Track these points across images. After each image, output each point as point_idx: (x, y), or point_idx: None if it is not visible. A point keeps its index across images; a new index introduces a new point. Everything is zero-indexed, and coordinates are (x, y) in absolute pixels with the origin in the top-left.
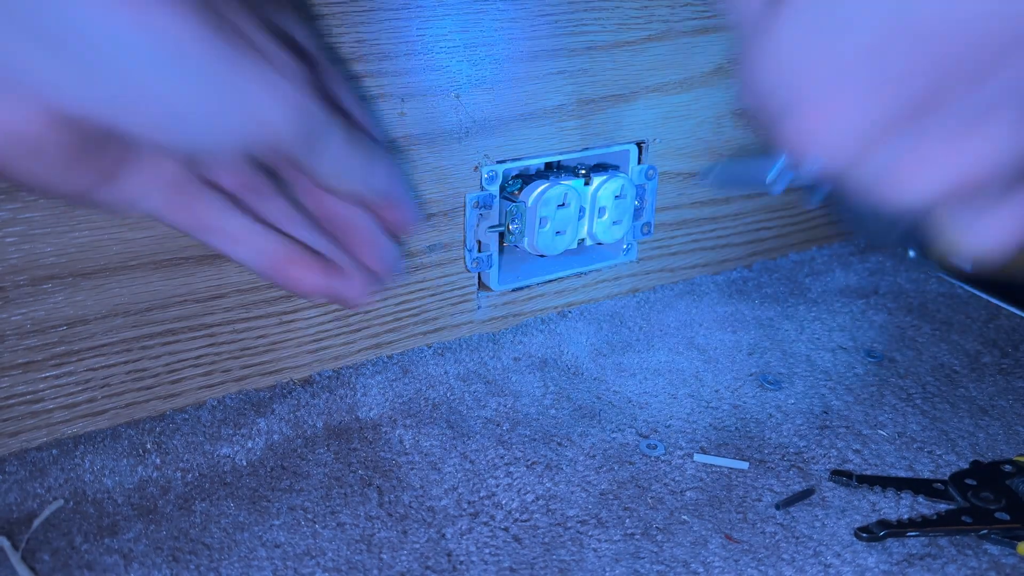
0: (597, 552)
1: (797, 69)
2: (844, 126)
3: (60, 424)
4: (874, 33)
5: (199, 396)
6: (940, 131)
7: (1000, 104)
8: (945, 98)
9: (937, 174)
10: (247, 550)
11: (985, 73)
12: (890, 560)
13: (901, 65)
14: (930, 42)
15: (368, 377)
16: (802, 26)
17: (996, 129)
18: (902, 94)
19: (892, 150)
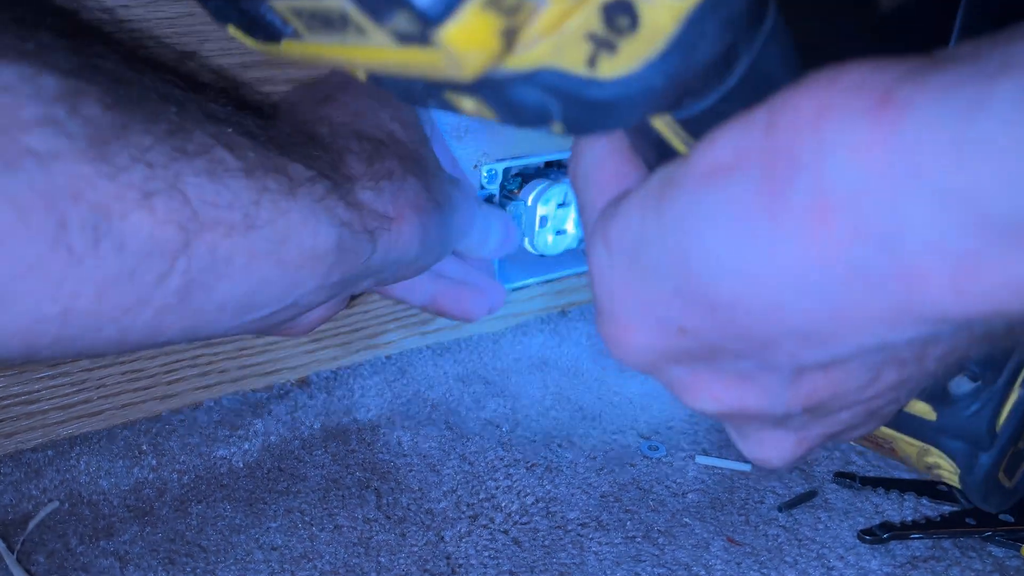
0: (598, 555)
1: (609, 290)
2: (637, 347)
3: (55, 425)
4: (670, 287)
5: (195, 397)
6: (715, 374)
7: (761, 371)
8: (721, 355)
9: (711, 403)
10: (244, 553)
11: (752, 349)
12: (893, 563)
13: (689, 321)
14: (718, 313)
15: (366, 378)
16: (617, 254)
17: (758, 386)
18: (686, 341)
19: (678, 373)
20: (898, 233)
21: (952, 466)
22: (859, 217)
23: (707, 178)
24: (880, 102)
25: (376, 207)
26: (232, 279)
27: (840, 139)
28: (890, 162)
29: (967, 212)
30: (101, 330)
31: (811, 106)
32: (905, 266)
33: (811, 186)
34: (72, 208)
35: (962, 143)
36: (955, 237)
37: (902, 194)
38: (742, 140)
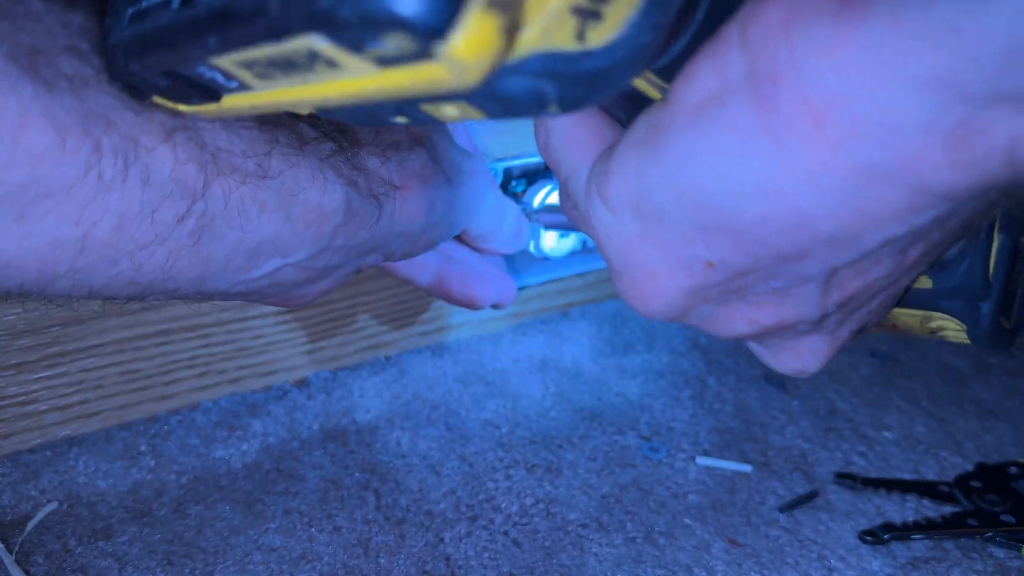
0: (598, 556)
1: (621, 246)
2: (666, 294)
3: (53, 426)
4: (688, 224)
5: (193, 398)
6: (746, 300)
7: (795, 284)
8: (753, 280)
9: (747, 326)
10: (242, 554)
11: (785, 265)
12: (895, 563)
13: (716, 252)
14: (745, 236)
15: (365, 379)
16: (621, 209)
17: (793, 298)
18: (716, 274)
19: (707, 310)
20: (886, 123)
21: (957, 324)
22: (847, 115)
23: (698, 111)
24: (842, 2)
25: (381, 173)
26: (243, 229)
27: (811, 44)
28: (861, 59)
29: (943, 93)
30: (116, 264)
31: (777, 16)
32: (901, 152)
33: (795, 95)
34: (105, 135)
35: (924, 31)
36: (937, 117)
37: (879, 87)
38: (720, 66)
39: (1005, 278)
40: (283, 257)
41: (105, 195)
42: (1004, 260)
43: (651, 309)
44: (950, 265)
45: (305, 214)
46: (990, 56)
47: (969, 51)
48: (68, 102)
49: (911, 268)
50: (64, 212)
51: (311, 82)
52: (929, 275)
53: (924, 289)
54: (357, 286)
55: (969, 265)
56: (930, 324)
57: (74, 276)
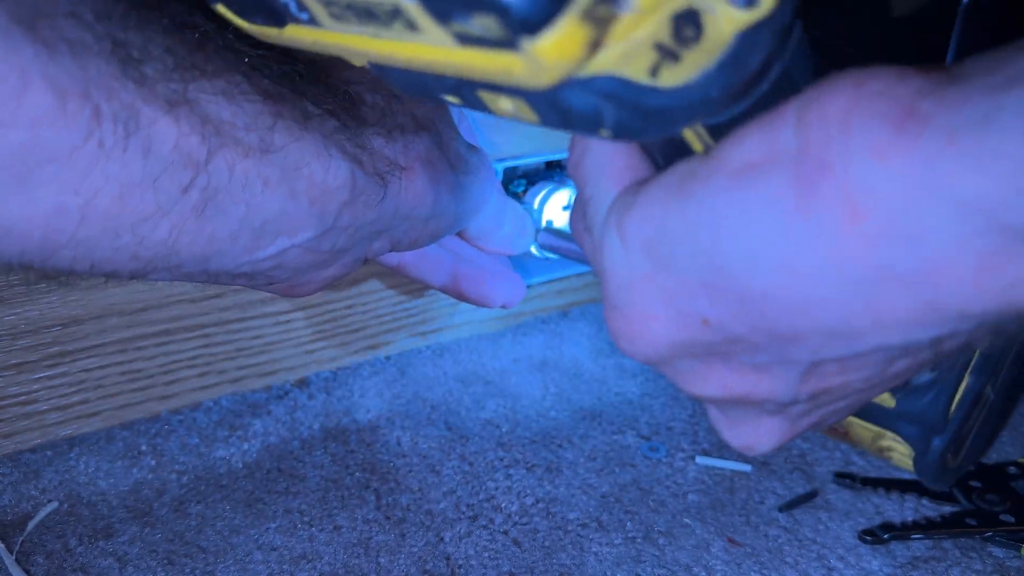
0: (598, 556)
1: (626, 282)
2: (654, 339)
3: (54, 426)
4: (696, 279)
5: (194, 397)
6: (728, 365)
7: (778, 363)
8: (741, 348)
9: (719, 390)
10: (243, 553)
11: (776, 343)
12: (894, 563)
13: (714, 312)
14: (746, 305)
15: (365, 378)
16: (634, 246)
17: (771, 377)
18: (707, 333)
19: (688, 364)
20: (922, 234)
21: (906, 449)
22: (886, 218)
23: (738, 175)
24: (904, 112)
25: (386, 153)
26: (247, 204)
27: (866, 143)
28: (912, 170)
29: (983, 218)
30: (119, 236)
31: (839, 108)
32: (930, 264)
33: (840, 186)
34: (106, 102)
35: (975, 155)
36: (974, 239)
37: (923, 200)
38: (772, 139)
39: (963, 419)
40: (290, 237)
41: (106, 163)
42: (967, 402)
43: (636, 350)
44: (917, 391)
45: (309, 189)
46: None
47: (1013, 182)
48: (69, 65)
49: (890, 379)
50: (65, 180)
51: (383, 37)
52: (893, 395)
53: (886, 408)
54: (357, 286)
55: (934, 397)
56: (880, 442)
57: (76, 247)
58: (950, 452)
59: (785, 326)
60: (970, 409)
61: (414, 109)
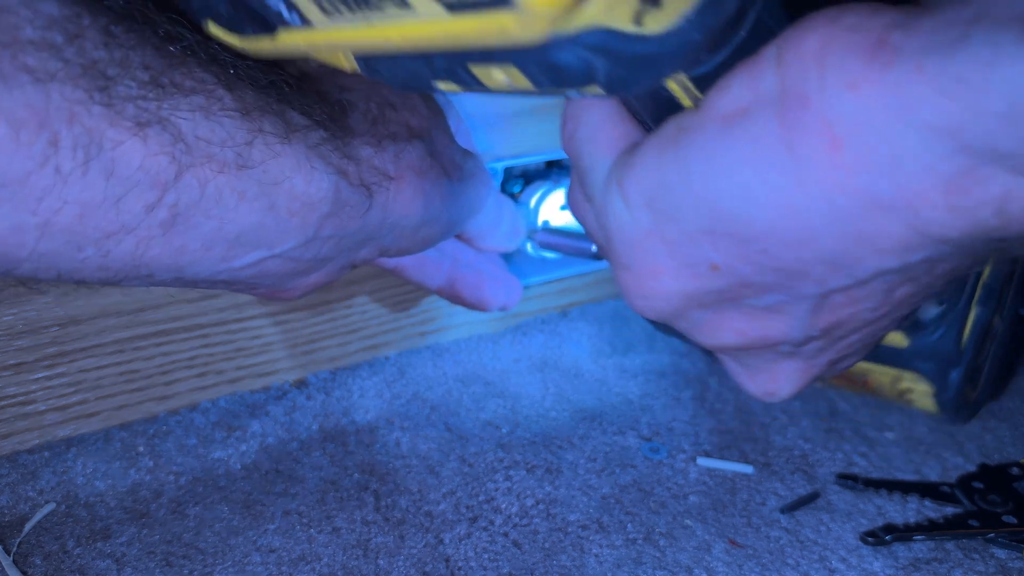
0: (598, 558)
1: (632, 238)
2: (666, 292)
3: (52, 426)
4: (699, 226)
5: (192, 398)
6: (739, 310)
7: (789, 302)
8: (751, 290)
9: (734, 337)
10: (241, 555)
11: (784, 279)
12: (896, 564)
13: (721, 257)
14: (751, 246)
15: (364, 379)
16: (636, 203)
17: (783, 316)
18: (718, 279)
19: (701, 315)
20: (896, 160)
21: (926, 387)
22: (862, 146)
23: (727, 120)
24: (876, 44)
25: (375, 163)
26: (220, 219)
27: (840, 75)
28: (883, 98)
29: (950, 141)
30: (82, 250)
31: (814, 44)
32: (905, 189)
33: (819, 118)
34: (65, 129)
35: (941, 82)
36: (942, 163)
37: (895, 126)
38: (755, 82)
39: (976, 350)
40: (269, 248)
41: (63, 186)
42: (977, 333)
43: (649, 305)
44: (927, 327)
45: (289, 203)
46: (992, 114)
47: (975, 106)
48: (26, 95)
49: (897, 306)
50: (20, 202)
51: (374, 23)
52: (906, 334)
53: (900, 349)
54: (357, 286)
55: (945, 331)
56: (900, 385)
57: (38, 259)
58: (968, 384)
59: (788, 260)
60: (981, 339)
61: (408, 118)
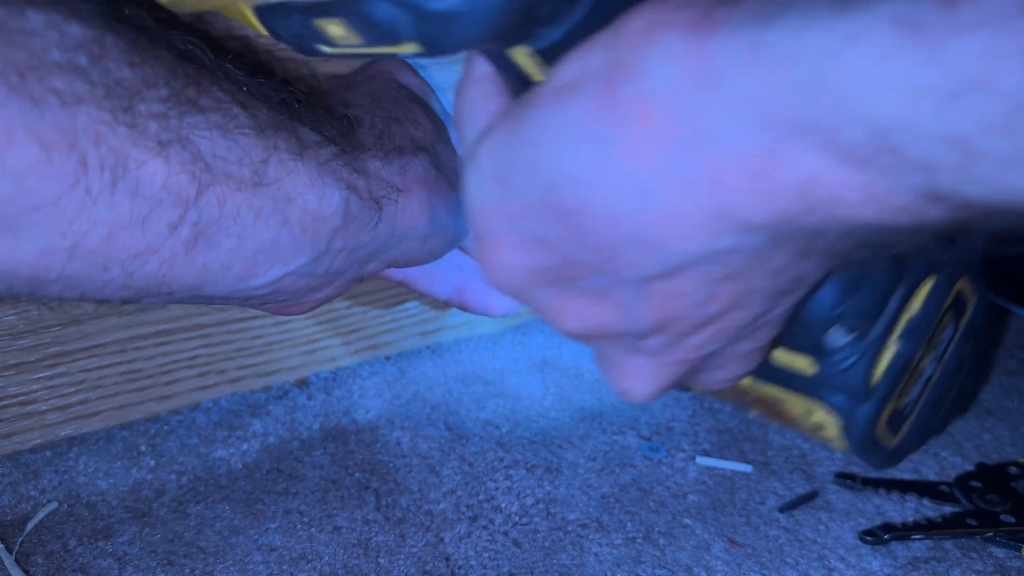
0: (598, 556)
1: (481, 210)
2: (508, 265)
3: (54, 426)
4: (532, 200)
5: (193, 398)
6: (578, 293)
7: (614, 285)
8: (579, 270)
9: (576, 322)
10: (242, 554)
11: (601, 260)
12: (895, 563)
13: (549, 232)
14: (570, 221)
15: (365, 379)
16: (487, 174)
17: (613, 301)
18: (550, 256)
19: (546, 294)
20: (703, 135)
21: (835, 420)
22: (674, 120)
23: (557, 94)
24: (699, 18)
25: (383, 176)
26: (239, 236)
27: (662, 49)
28: (700, 69)
29: (756, 114)
30: (108, 271)
31: (643, 21)
32: (710, 166)
33: (636, 92)
34: (93, 150)
35: (754, 51)
36: (747, 138)
37: (706, 98)
38: (587, 58)
39: (891, 387)
40: (284, 265)
41: (92, 207)
42: (895, 371)
43: (497, 280)
44: (836, 354)
45: (302, 219)
46: (798, 84)
47: (782, 75)
48: (56, 118)
49: (731, 306)
50: (52, 224)
51: None
52: (814, 360)
53: (808, 376)
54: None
55: (854, 362)
56: (813, 418)
57: (65, 281)
58: (883, 425)
59: (600, 239)
60: (899, 377)
61: (412, 131)
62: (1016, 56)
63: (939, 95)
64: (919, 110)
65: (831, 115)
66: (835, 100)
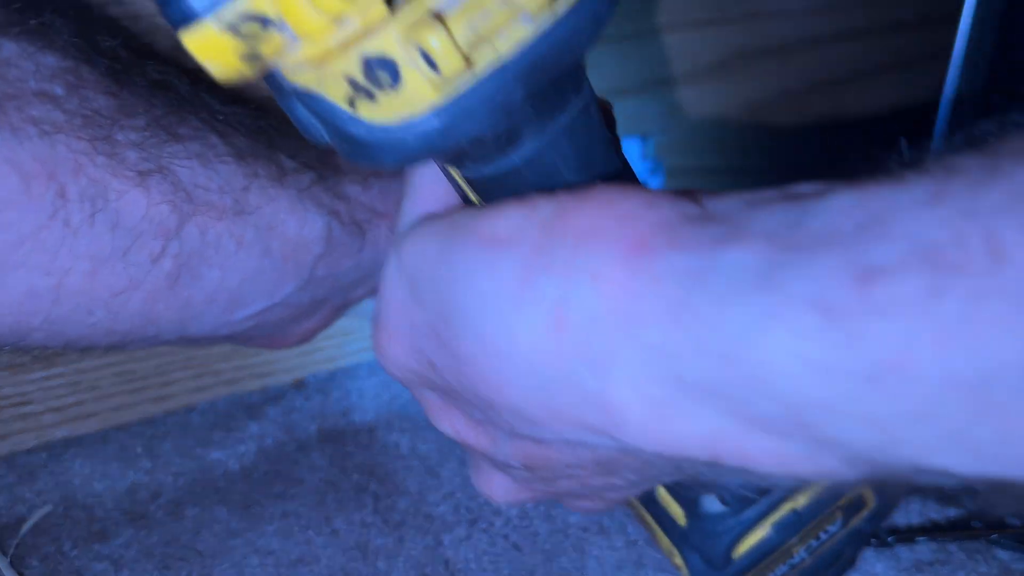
0: (599, 559)
1: (388, 300)
2: (397, 361)
3: (49, 427)
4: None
5: (190, 399)
6: (458, 408)
7: (488, 423)
8: (459, 399)
9: (450, 430)
10: (239, 557)
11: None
12: (899, 566)
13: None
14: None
15: (363, 379)
16: (404, 273)
17: (486, 433)
18: (434, 374)
19: (428, 394)
20: (607, 366)
21: (688, 574)
22: (584, 339)
23: (484, 243)
24: (635, 244)
25: (363, 200)
26: (222, 267)
27: (591, 264)
28: (619, 304)
29: (664, 368)
30: (92, 313)
31: (584, 221)
32: (607, 397)
33: (555, 295)
34: (72, 180)
35: (674, 306)
36: (651, 387)
37: (620, 335)
38: (522, 225)
39: (749, 567)
40: (269, 297)
41: (73, 240)
42: (759, 552)
43: (384, 365)
44: (706, 520)
45: (283, 247)
46: (714, 353)
47: (700, 341)
48: (36, 148)
49: (597, 475)
50: (35, 262)
51: None
52: (686, 514)
53: (678, 525)
54: None
55: (721, 532)
56: (674, 559)
57: (49, 327)
58: None
59: (482, 392)
60: (761, 560)
61: None
62: (930, 342)
63: (856, 377)
64: (836, 391)
65: (743, 387)
66: (749, 373)
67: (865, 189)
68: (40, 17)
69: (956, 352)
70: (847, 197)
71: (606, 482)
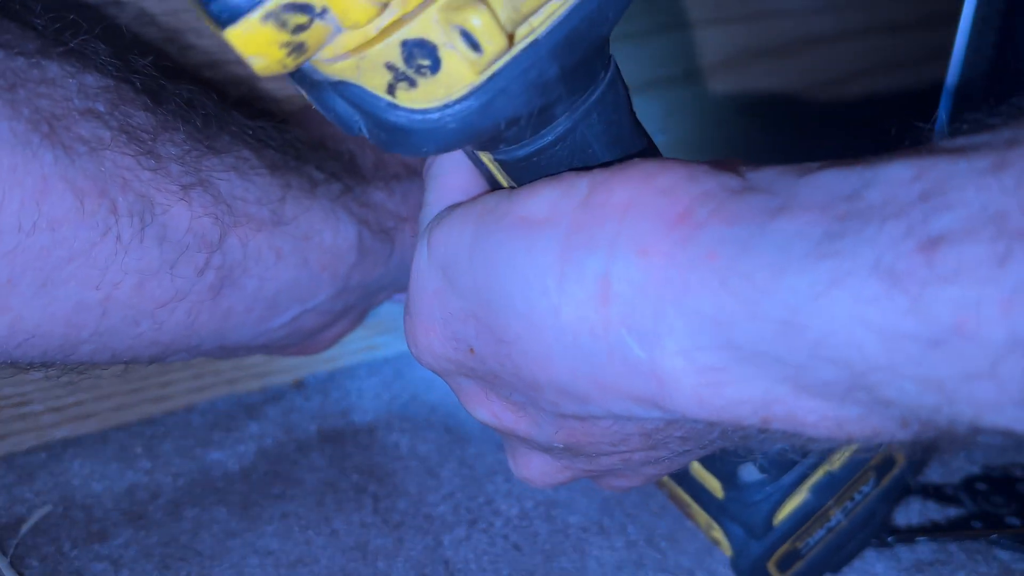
0: (599, 560)
1: (420, 289)
2: (433, 352)
3: (49, 428)
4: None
5: (189, 399)
6: (496, 394)
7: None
8: (500, 383)
9: (489, 417)
10: (239, 557)
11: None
12: (899, 566)
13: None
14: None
15: (363, 380)
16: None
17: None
18: (474, 361)
19: (465, 383)
20: (658, 337)
21: (729, 545)
22: (629, 310)
23: (522, 224)
24: (680, 216)
25: (389, 207)
26: (261, 277)
27: (635, 237)
28: (667, 275)
29: (716, 335)
30: (138, 324)
31: (623, 196)
32: (658, 367)
33: (598, 270)
34: (121, 196)
35: (725, 273)
36: (702, 354)
37: (669, 305)
38: (559, 203)
39: (791, 533)
40: (302, 303)
41: (124, 255)
42: (798, 517)
43: (419, 356)
44: (745, 489)
45: (320, 257)
46: (769, 320)
47: (754, 308)
48: (86, 165)
49: (641, 449)
50: (86, 276)
51: None
52: (724, 486)
53: (715, 497)
54: None
55: (761, 500)
56: (712, 532)
57: (97, 340)
58: (774, 563)
59: (527, 373)
60: (801, 524)
61: (403, 158)
62: (997, 305)
63: (921, 341)
64: (899, 354)
65: (802, 352)
66: (810, 340)
67: (922, 160)
68: (78, 38)
69: (1022, 314)
70: (904, 168)
71: (649, 456)
